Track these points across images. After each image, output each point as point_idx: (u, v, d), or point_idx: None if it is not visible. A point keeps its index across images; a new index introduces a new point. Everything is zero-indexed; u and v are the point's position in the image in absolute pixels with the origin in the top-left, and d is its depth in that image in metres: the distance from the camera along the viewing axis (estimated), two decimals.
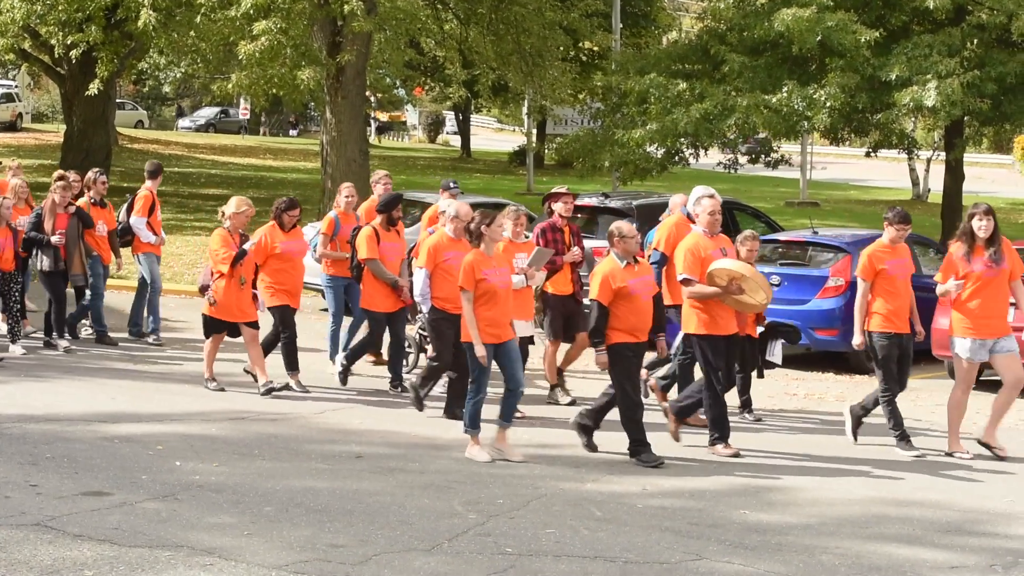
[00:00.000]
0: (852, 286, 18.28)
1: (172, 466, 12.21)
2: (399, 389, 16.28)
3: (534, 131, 56.40)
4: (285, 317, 16.40)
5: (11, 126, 66.73)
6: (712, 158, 33.98)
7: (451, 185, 18.43)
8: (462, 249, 14.34)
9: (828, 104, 25.39)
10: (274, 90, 30.82)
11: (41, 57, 41.30)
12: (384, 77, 41.97)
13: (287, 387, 15.97)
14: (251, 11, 27.84)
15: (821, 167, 63.71)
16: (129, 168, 46.72)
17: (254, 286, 16.13)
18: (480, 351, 12.88)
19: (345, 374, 16.59)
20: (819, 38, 25.34)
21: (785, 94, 25.72)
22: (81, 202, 18.90)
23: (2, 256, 17.63)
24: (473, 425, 13.14)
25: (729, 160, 31.86)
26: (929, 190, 51.29)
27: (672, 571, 9.73)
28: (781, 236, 21.49)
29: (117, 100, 58.82)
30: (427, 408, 15.15)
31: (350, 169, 30.30)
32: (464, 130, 75.18)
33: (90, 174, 19.34)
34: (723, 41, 27.93)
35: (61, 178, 18.56)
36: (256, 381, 15.96)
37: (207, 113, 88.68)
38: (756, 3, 28.06)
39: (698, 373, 14.41)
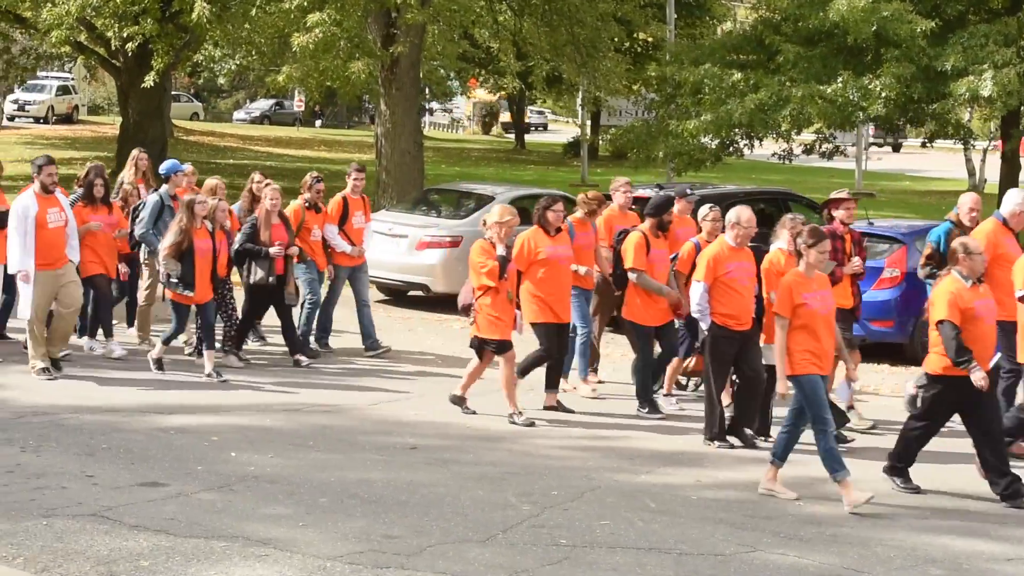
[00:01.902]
0: (907, 277, 18.21)
1: (227, 457, 12.27)
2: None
3: (588, 122, 56.28)
4: (548, 335, 14.96)
5: (67, 118, 67.34)
6: (767, 148, 33.85)
7: (688, 191, 16.97)
8: (744, 259, 13.58)
9: (883, 95, 25.25)
10: (327, 82, 30.91)
11: (97, 50, 41.46)
12: (438, 69, 41.95)
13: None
14: (305, 3, 27.96)
15: (877, 158, 63.33)
16: (183, 160, 46.87)
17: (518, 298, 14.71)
18: (782, 388, 11.76)
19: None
20: (874, 28, 25.19)
21: (840, 84, 25.59)
22: (295, 204, 17.61)
23: (218, 261, 16.25)
24: (836, 468, 11.53)
25: (784, 151, 31.68)
26: (985, 181, 50.88)
27: (727, 563, 9.72)
28: None
29: (172, 92, 59.13)
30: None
31: (404, 161, 30.35)
32: (518, 122, 75.07)
33: (307, 178, 17.70)
34: (778, 31, 27.83)
35: (258, 180, 17.16)
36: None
37: (262, 105, 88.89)
38: None
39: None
